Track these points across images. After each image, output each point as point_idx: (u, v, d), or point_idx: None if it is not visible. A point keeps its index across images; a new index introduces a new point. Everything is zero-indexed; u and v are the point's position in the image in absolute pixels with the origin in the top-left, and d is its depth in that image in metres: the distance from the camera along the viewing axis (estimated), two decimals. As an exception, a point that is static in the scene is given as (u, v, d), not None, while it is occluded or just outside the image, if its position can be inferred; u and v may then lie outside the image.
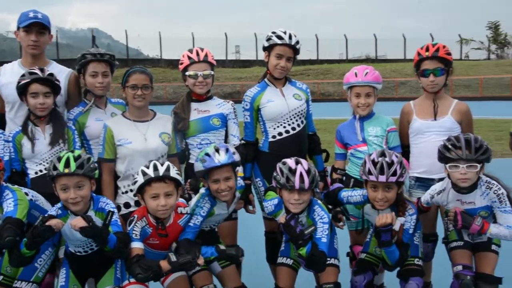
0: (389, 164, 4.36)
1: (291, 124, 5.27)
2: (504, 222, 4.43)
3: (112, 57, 5.16)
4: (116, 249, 4.14)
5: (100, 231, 4.05)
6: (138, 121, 5.01)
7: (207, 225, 4.72)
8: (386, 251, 4.47)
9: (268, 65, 5.27)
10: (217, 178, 4.44)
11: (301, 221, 4.51)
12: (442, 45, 5.06)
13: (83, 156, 4.22)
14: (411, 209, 4.61)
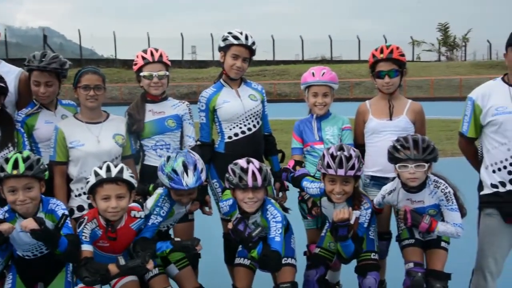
0: (347, 158, 4.40)
1: (246, 125, 5.27)
2: (451, 220, 4.55)
3: (59, 67, 4.97)
4: (67, 253, 4.09)
5: (52, 234, 3.99)
6: (90, 122, 4.94)
7: (164, 224, 4.69)
8: (341, 245, 4.51)
9: (224, 65, 5.25)
10: (182, 193, 4.45)
11: (255, 221, 4.54)
12: (396, 47, 5.13)
13: (32, 157, 4.15)
14: (367, 203, 4.67)
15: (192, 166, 4.41)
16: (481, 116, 4.76)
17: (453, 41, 71.45)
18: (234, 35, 5.16)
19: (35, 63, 4.88)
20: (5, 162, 4.05)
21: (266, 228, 4.48)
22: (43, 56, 4.91)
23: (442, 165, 4.71)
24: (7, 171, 4.00)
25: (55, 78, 4.98)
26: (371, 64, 5.18)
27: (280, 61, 58.49)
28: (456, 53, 71.67)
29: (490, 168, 4.75)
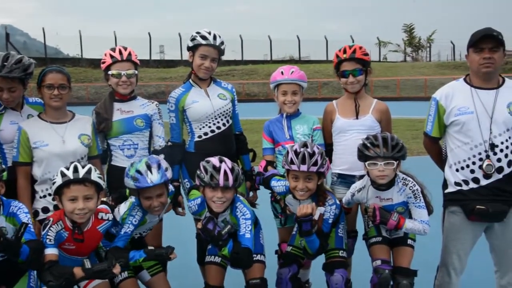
0: (310, 154, 4.44)
1: (216, 124, 5.27)
2: (418, 217, 4.61)
3: (23, 73, 4.82)
4: (28, 261, 3.98)
5: (12, 245, 3.87)
6: (55, 122, 4.86)
7: (137, 232, 4.67)
8: (306, 240, 4.54)
9: (193, 65, 5.25)
10: (149, 196, 4.41)
11: (225, 219, 4.55)
12: (359, 46, 5.19)
13: None
14: (331, 199, 4.69)
15: (156, 165, 4.40)
16: (444, 116, 4.82)
17: (418, 42, 72.05)
18: (202, 35, 5.16)
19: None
20: None
21: (235, 225, 4.49)
22: (5, 60, 4.73)
23: (409, 164, 4.75)
24: None
25: (19, 83, 4.86)
26: (336, 64, 5.24)
27: (249, 61, 58.44)
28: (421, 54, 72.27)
29: (453, 167, 4.81)
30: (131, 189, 4.47)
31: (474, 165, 4.68)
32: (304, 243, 4.62)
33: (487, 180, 4.66)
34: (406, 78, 43.87)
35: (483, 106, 4.66)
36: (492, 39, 4.59)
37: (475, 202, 4.68)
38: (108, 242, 4.49)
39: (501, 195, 4.66)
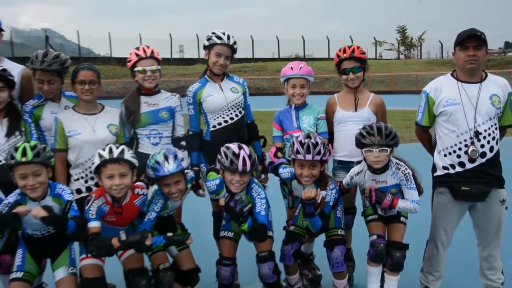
0: (314, 144, 4.47)
1: (229, 115, 5.26)
2: (410, 197, 4.64)
3: (60, 66, 4.94)
4: (75, 233, 4.10)
5: (60, 219, 4.01)
6: (87, 114, 4.90)
7: (164, 213, 4.68)
8: (310, 221, 4.58)
9: (208, 62, 5.24)
10: (168, 183, 4.44)
11: (240, 198, 4.58)
12: (357, 46, 5.19)
13: (39, 146, 4.14)
14: (332, 184, 4.72)
15: (172, 156, 4.42)
16: (434, 107, 4.83)
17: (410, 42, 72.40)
18: (218, 35, 5.15)
19: (37, 65, 4.84)
20: (14, 150, 4.04)
21: (251, 203, 4.52)
22: (44, 56, 4.86)
23: (402, 150, 4.76)
24: (16, 158, 3.99)
25: (57, 76, 4.96)
26: (337, 63, 5.24)
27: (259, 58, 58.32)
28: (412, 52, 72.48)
29: (442, 153, 4.83)
30: (152, 178, 4.50)
31: (460, 150, 4.71)
32: (308, 223, 4.65)
33: (472, 164, 4.68)
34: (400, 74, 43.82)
35: (468, 98, 4.68)
36: (476, 38, 4.62)
37: (460, 184, 4.73)
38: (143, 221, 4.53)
39: (484, 177, 4.70)
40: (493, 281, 4.93)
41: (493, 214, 4.81)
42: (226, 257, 4.77)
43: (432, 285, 5.11)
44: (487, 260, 4.93)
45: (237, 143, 4.59)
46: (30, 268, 4.32)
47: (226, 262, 4.75)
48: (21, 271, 4.27)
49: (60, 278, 4.30)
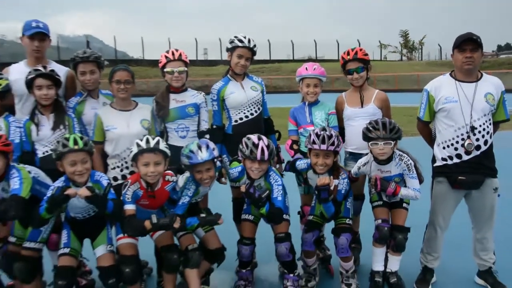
0: (329, 136, 4.48)
1: (249, 111, 5.26)
2: (411, 185, 4.64)
3: (98, 57, 5.10)
4: (113, 213, 4.17)
5: (101, 199, 4.11)
6: (122, 110, 4.95)
7: (194, 199, 4.70)
8: (324, 206, 4.58)
9: (231, 63, 5.24)
10: (200, 170, 4.46)
11: (259, 185, 4.60)
12: (359, 49, 5.18)
13: (85, 137, 4.24)
14: (344, 174, 4.71)
15: (205, 145, 4.45)
16: (434, 104, 4.84)
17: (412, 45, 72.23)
18: (239, 38, 5.15)
19: (79, 56, 5.00)
20: (66, 140, 4.12)
21: (269, 189, 4.54)
22: (84, 52, 5.06)
23: (404, 143, 4.74)
24: (69, 146, 4.07)
25: (96, 67, 5.07)
26: (342, 64, 5.22)
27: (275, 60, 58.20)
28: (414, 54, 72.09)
29: (441, 145, 4.85)
30: (186, 165, 4.52)
31: (458, 143, 4.72)
32: (322, 209, 4.66)
33: (468, 156, 4.70)
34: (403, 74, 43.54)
35: (465, 96, 4.69)
36: (472, 41, 4.62)
37: (457, 174, 4.75)
38: (172, 206, 4.56)
39: (479, 168, 4.72)
40: (485, 261, 5.00)
41: (486, 201, 4.83)
42: (246, 237, 4.80)
43: (431, 264, 5.13)
44: (481, 242, 4.99)
45: (257, 135, 4.61)
46: (74, 245, 4.41)
47: (247, 241, 4.78)
48: (67, 247, 4.36)
49: (100, 255, 4.37)
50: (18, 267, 4.26)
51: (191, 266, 4.48)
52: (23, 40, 5.22)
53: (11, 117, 4.84)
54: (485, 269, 5.04)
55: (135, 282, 4.44)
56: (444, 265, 5.27)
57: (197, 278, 4.51)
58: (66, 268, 4.27)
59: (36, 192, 4.23)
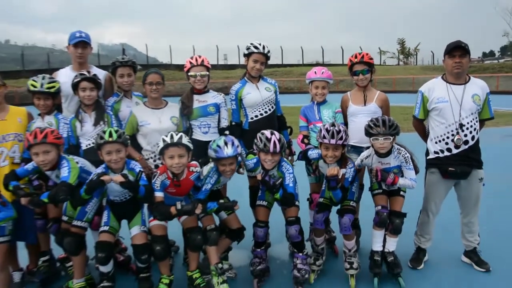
0: (337, 131, 4.48)
1: (264, 109, 5.26)
2: (408, 176, 4.61)
3: (133, 62, 5.18)
4: (144, 197, 4.24)
5: (134, 184, 4.17)
6: (154, 108, 5.01)
7: (215, 187, 4.72)
8: (333, 193, 4.59)
9: (247, 67, 5.23)
10: (224, 163, 4.49)
11: (272, 174, 4.59)
12: (366, 53, 5.15)
13: (120, 130, 4.31)
14: (351, 164, 4.70)
15: (230, 143, 4.48)
16: (427, 103, 4.87)
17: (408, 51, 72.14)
18: (255, 45, 5.15)
19: (119, 60, 5.10)
20: (103, 133, 4.21)
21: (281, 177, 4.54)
22: (123, 58, 5.14)
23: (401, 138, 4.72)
24: (105, 138, 4.16)
25: (132, 70, 5.15)
26: (349, 66, 5.19)
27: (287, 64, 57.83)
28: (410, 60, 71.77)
29: (433, 140, 4.88)
30: (212, 157, 4.55)
31: (448, 139, 4.75)
32: (331, 195, 4.66)
33: (457, 150, 4.73)
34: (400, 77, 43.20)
35: (455, 96, 4.70)
36: (461, 48, 4.65)
37: (448, 165, 4.79)
38: (197, 193, 4.57)
39: (467, 160, 4.75)
40: (471, 242, 5.07)
41: (473, 189, 4.88)
42: (261, 220, 4.79)
43: (423, 245, 5.18)
44: (467, 226, 5.05)
45: (270, 130, 4.60)
46: (113, 224, 4.50)
47: (261, 224, 4.77)
48: (107, 225, 4.47)
49: (135, 234, 4.45)
50: (67, 242, 4.38)
51: (209, 244, 4.53)
52: (69, 48, 5.33)
53: (59, 114, 4.96)
54: (471, 249, 5.09)
55: (165, 258, 4.50)
56: (435, 246, 5.28)
57: (216, 254, 4.54)
58: (105, 243, 4.39)
59: (83, 179, 4.30)
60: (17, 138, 4.71)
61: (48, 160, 4.19)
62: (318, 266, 4.99)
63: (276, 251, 5.56)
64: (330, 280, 4.86)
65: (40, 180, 4.38)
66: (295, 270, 4.64)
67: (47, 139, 4.16)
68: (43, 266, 4.97)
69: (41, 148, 4.15)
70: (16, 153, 4.69)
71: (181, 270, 5.04)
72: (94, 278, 4.70)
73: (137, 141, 5.01)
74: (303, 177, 5.33)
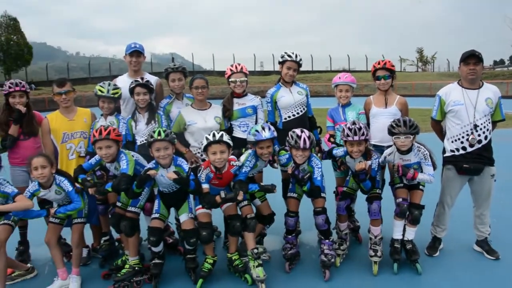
0: (359, 128, 4.42)
1: (296, 110, 5.22)
2: (427, 171, 4.52)
3: (184, 68, 5.22)
4: (194, 190, 4.31)
5: (185, 180, 4.22)
6: (200, 109, 5.04)
7: (251, 173, 4.73)
8: (362, 184, 4.55)
9: (282, 73, 5.20)
10: (262, 146, 4.49)
11: (303, 168, 4.55)
12: (388, 60, 5.08)
13: (167, 130, 4.35)
14: (375, 155, 4.64)
15: (267, 127, 4.50)
16: (444, 106, 4.79)
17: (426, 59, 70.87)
18: (289, 54, 5.12)
19: (172, 67, 5.15)
20: (153, 132, 4.28)
21: (311, 172, 4.51)
22: (174, 65, 5.19)
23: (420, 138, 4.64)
24: (154, 137, 4.22)
25: (183, 76, 5.19)
26: (373, 71, 5.13)
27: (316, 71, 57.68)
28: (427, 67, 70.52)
29: (450, 140, 4.79)
30: (251, 141, 4.56)
31: (463, 138, 4.67)
32: (361, 186, 4.62)
33: (471, 148, 4.65)
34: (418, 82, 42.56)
35: (470, 100, 4.63)
36: (475, 57, 4.60)
37: (463, 163, 4.72)
38: None
39: (480, 158, 4.68)
40: (482, 232, 4.98)
41: (485, 184, 4.80)
42: (292, 210, 4.77)
43: (439, 235, 5.10)
44: (479, 217, 4.97)
45: (300, 128, 4.56)
46: (163, 212, 4.55)
47: (292, 214, 4.75)
48: (158, 213, 4.53)
49: (184, 220, 4.51)
50: (124, 225, 4.48)
51: (248, 231, 4.53)
52: (126, 57, 5.46)
53: (120, 115, 5.08)
54: (482, 239, 5.00)
55: (210, 242, 4.55)
56: (449, 235, 5.18)
57: (253, 240, 4.54)
58: (156, 228, 4.46)
59: (137, 171, 4.40)
60: (83, 136, 5.01)
61: (110, 154, 4.35)
62: (342, 250, 4.95)
63: (306, 238, 5.54)
64: (354, 265, 4.81)
65: (101, 171, 4.58)
66: (322, 255, 4.60)
67: (110, 135, 4.31)
68: (105, 245, 5.16)
69: (104, 143, 4.31)
70: (82, 148, 4.99)
71: (221, 252, 5.07)
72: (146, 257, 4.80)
73: (185, 139, 5.04)
74: (330, 172, 5.28)
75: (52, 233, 4.50)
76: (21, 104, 4.89)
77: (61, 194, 4.44)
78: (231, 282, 4.53)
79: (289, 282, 4.50)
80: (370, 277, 4.54)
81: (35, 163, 4.25)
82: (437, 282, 4.37)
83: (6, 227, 4.29)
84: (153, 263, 4.46)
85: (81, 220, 4.60)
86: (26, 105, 4.94)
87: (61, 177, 4.42)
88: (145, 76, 5.27)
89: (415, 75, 54.00)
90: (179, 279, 4.60)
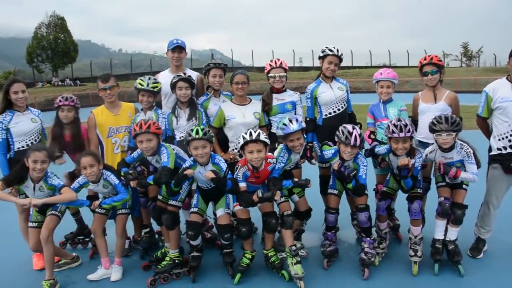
0: (405, 125, 4.35)
1: (337, 107, 5.15)
2: (470, 170, 4.39)
3: (225, 65, 5.22)
4: (231, 189, 4.33)
5: (222, 180, 4.28)
6: (240, 104, 5.04)
7: (287, 166, 4.70)
8: (404, 181, 4.47)
9: (322, 68, 5.15)
10: (292, 138, 4.44)
11: (348, 165, 4.52)
12: (435, 55, 4.95)
13: (205, 128, 4.37)
14: (419, 154, 4.53)
15: (294, 119, 4.45)
16: (491, 103, 4.63)
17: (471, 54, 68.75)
18: (330, 48, 5.06)
19: (213, 63, 5.15)
20: (191, 131, 4.31)
21: (356, 169, 4.48)
22: (215, 61, 5.23)
23: (464, 135, 4.51)
24: (192, 135, 4.26)
25: (223, 72, 5.17)
26: (419, 67, 5.00)
27: (356, 66, 56.81)
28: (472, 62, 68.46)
29: (496, 138, 4.64)
30: (280, 135, 4.52)
31: (511, 136, 4.51)
32: (402, 183, 4.53)
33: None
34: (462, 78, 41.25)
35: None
36: None
37: (510, 162, 4.57)
38: None
39: None
40: None
41: None
42: (332, 207, 4.74)
43: (483, 236, 4.95)
44: None
45: (351, 125, 4.52)
46: (201, 206, 4.63)
47: (332, 211, 4.72)
48: (196, 207, 4.61)
49: (220, 214, 4.56)
50: (165, 218, 4.56)
51: (285, 227, 4.51)
52: (167, 53, 5.52)
53: (159, 110, 5.16)
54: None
55: (249, 237, 4.59)
56: (494, 237, 5.01)
57: (290, 237, 4.52)
58: (194, 222, 4.54)
59: (177, 164, 4.51)
60: (127, 130, 5.13)
61: (150, 147, 4.44)
62: (382, 249, 4.88)
63: (344, 235, 5.49)
64: (394, 264, 4.73)
65: (142, 166, 4.69)
66: (362, 253, 4.56)
67: (150, 129, 4.40)
68: (145, 237, 5.27)
69: (145, 136, 4.41)
70: (126, 142, 5.12)
71: (258, 247, 5.07)
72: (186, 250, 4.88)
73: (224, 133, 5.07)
74: (370, 169, 5.20)
75: (98, 223, 4.71)
76: (68, 119, 5.04)
77: (108, 188, 4.65)
78: (268, 278, 4.54)
79: (327, 279, 4.47)
80: (410, 277, 4.46)
81: (84, 163, 4.47)
82: (480, 285, 4.24)
83: (53, 217, 4.52)
84: (192, 256, 4.55)
85: (125, 211, 4.78)
86: (73, 119, 5.11)
87: (107, 172, 4.61)
88: (186, 72, 5.32)
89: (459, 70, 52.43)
90: (217, 273, 4.66)
